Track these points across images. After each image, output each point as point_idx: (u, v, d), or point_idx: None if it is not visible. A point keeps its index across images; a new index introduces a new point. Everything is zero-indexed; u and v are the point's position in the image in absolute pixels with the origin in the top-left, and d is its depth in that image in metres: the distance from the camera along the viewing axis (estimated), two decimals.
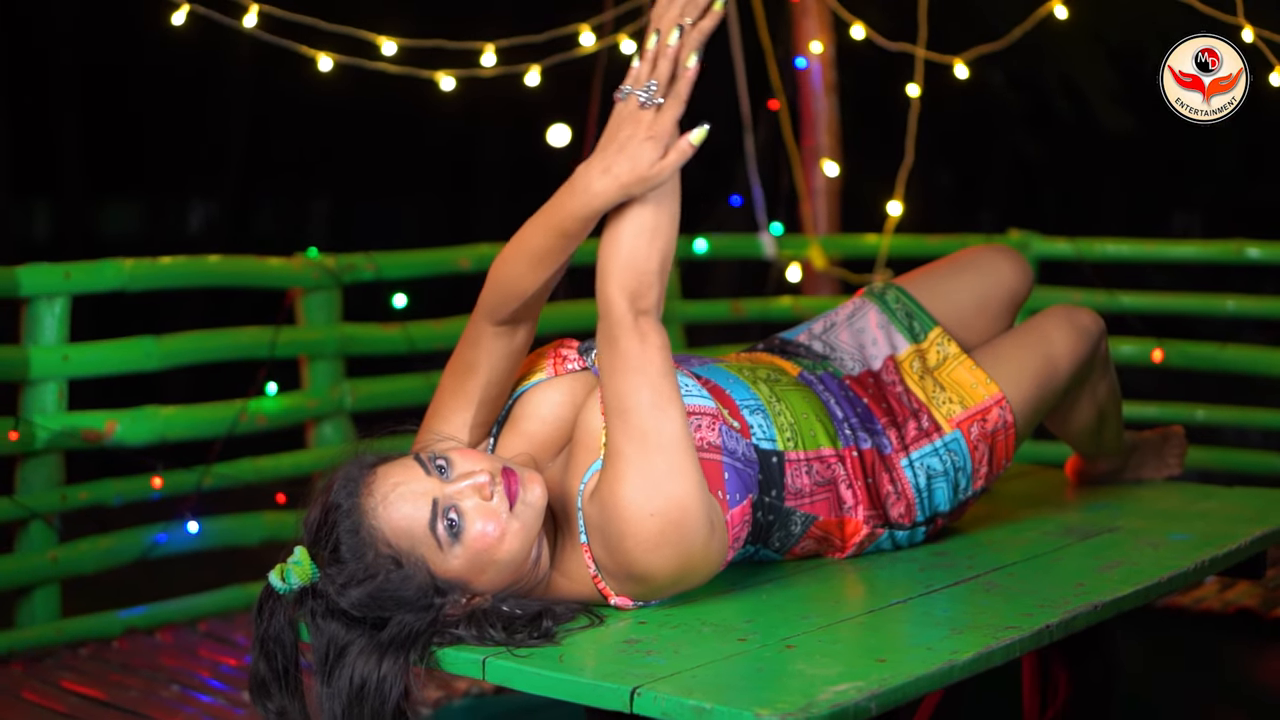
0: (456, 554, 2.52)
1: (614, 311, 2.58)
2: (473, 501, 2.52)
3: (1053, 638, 2.74)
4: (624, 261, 2.58)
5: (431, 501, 2.51)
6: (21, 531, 4.85)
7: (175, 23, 4.96)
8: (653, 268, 2.60)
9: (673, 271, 6.30)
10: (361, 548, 2.53)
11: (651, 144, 2.55)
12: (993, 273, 3.44)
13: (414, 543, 2.51)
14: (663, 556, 2.59)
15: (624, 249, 2.58)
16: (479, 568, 2.53)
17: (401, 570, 2.50)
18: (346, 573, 2.52)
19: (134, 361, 5.00)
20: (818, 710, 2.28)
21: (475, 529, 2.51)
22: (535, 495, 2.57)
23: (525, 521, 2.56)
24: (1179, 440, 3.96)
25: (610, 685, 2.40)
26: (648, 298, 2.60)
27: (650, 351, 2.59)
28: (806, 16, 6.75)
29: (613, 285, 2.58)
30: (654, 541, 2.57)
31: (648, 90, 2.56)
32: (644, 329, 2.59)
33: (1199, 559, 3.17)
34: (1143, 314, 6.46)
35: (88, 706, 4.36)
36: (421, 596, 2.51)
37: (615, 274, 2.58)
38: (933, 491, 3.12)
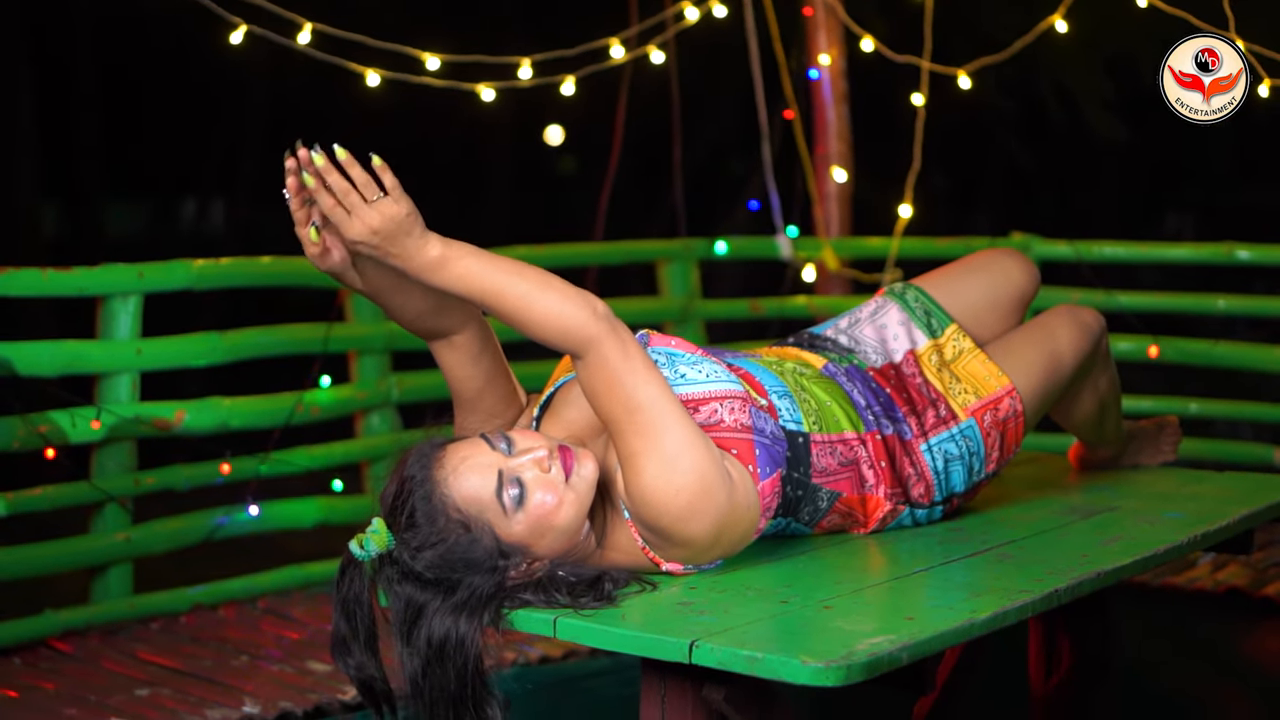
0: (519, 520, 2.76)
1: (586, 329, 2.80)
2: (533, 473, 2.76)
3: (1060, 601, 2.97)
4: (549, 297, 2.81)
5: (497, 472, 2.75)
6: (97, 514, 5.03)
7: (233, 42, 5.15)
8: (554, 282, 2.83)
9: (694, 272, 6.60)
10: (434, 514, 2.74)
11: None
12: (1003, 274, 3.65)
13: (481, 509, 2.75)
14: (699, 523, 2.85)
15: (536, 292, 2.81)
16: (539, 533, 2.78)
17: (470, 534, 2.74)
18: (420, 537, 2.74)
19: (201, 356, 5.20)
20: (857, 658, 2.53)
21: (536, 498, 2.75)
22: (589, 469, 2.82)
23: (579, 492, 2.80)
24: (1174, 429, 4.15)
25: (671, 639, 2.64)
26: (591, 302, 2.84)
27: (630, 347, 2.84)
28: (819, 30, 6.91)
29: (566, 315, 2.80)
30: (687, 512, 2.83)
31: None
32: (618, 330, 2.83)
33: (1191, 534, 3.39)
34: (1139, 312, 6.60)
35: (166, 674, 4.60)
36: (488, 559, 2.74)
37: (554, 309, 2.80)
38: (949, 474, 3.35)
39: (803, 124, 7.00)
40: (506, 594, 2.80)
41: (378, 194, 2.79)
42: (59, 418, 4.85)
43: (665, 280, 6.64)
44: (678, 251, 6.65)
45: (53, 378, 4.85)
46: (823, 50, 6.95)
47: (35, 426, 4.74)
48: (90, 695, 4.40)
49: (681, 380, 2.98)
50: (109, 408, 4.94)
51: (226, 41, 5.21)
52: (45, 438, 4.76)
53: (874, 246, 6.89)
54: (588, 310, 2.82)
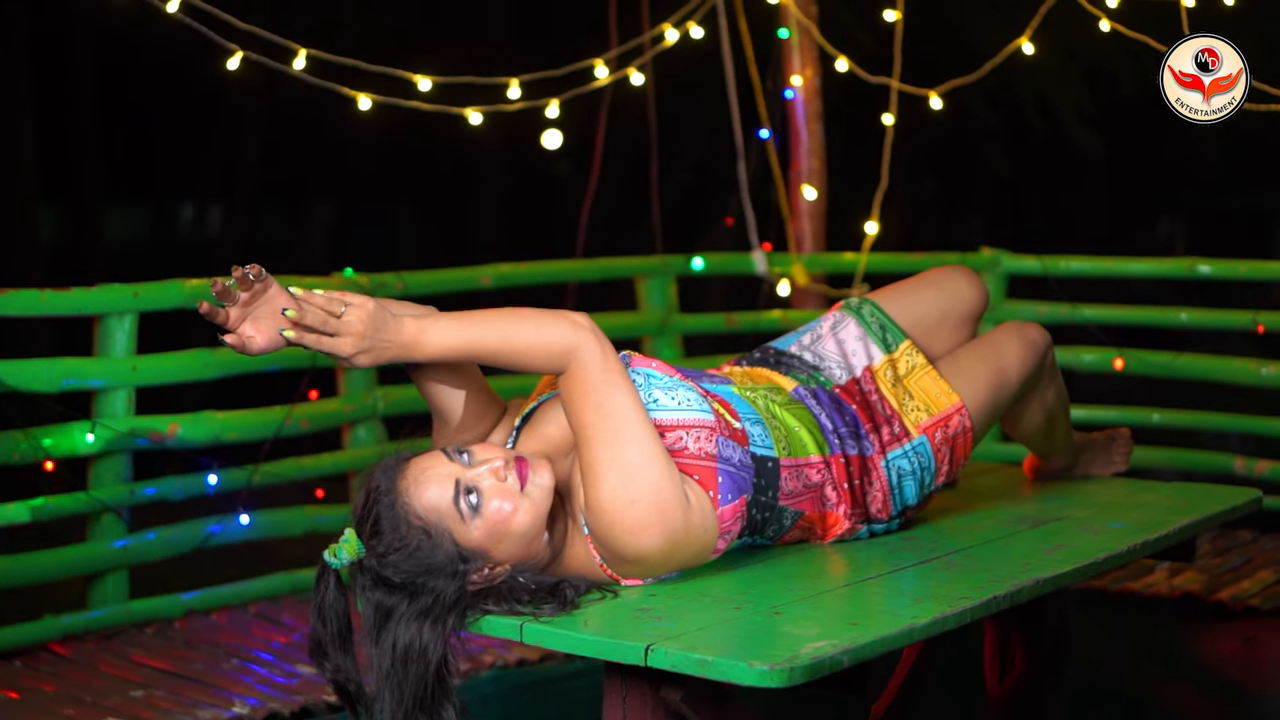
0: (477, 525, 2.93)
1: (566, 340, 3.01)
2: (490, 481, 2.95)
3: (1000, 606, 3.13)
4: (524, 327, 3.03)
5: (455, 481, 2.94)
6: (94, 523, 5.17)
7: (230, 68, 5.30)
8: (527, 313, 3.05)
9: (671, 287, 6.76)
10: (397, 522, 2.92)
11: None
12: (954, 290, 3.80)
13: (440, 516, 2.92)
14: (650, 538, 3.01)
15: (512, 329, 3.04)
16: (497, 538, 2.95)
17: (431, 540, 2.92)
18: (385, 543, 2.92)
19: (193, 371, 5.34)
20: (800, 662, 2.71)
21: (493, 505, 2.93)
22: (544, 478, 3.00)
23: (535, 500, 2.98)
24: (1125, 440, 4.28)
25: (628, 643, 2.82)
26: (568, 316, 3.04)
27: (610, 359, 3.04)
28: (794, 51, 7.05)
29: (545, 336, 3.01)
30: (639, 525, 3.00)
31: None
32: (598, 339, 3.02)
33: (1131, 543, 3.54)
34: (1104, 325, 6.76)
35: (160, 677, 4.76)
36: (449, 563, 2.92)
37: (532, 336, 3.01)
38: (903, 489, 3.51)
39: (778, 142, 7.13)
40: (470, 601, 2.96)
41: (341, 307, 2.97)
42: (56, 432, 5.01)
43: (644, 295, 6.80)
44: (655, 267, 6.81)
45: (51, 394, 4.99)
46: (797, 70, 7.08)
47: (35, 440, 4.89)
48: (87, 696, 4.56)
49: (654, 405, 3.13)
50: (105, 422, 5.08)
51: (224, 66, 5.35)
52: (45, 451, 4.92)
53: (846, 262, 7.03)
54: (565, 323, 3.02)
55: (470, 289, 6.12)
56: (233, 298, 2.94)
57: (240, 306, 2.95)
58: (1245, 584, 5.73)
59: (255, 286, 2.93)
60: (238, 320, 2.96)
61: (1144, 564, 5.91)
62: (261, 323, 2.96)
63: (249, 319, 2.96)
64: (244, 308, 2.95)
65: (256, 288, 2.94)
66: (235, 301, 2.94)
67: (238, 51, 5.32)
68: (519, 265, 6.38)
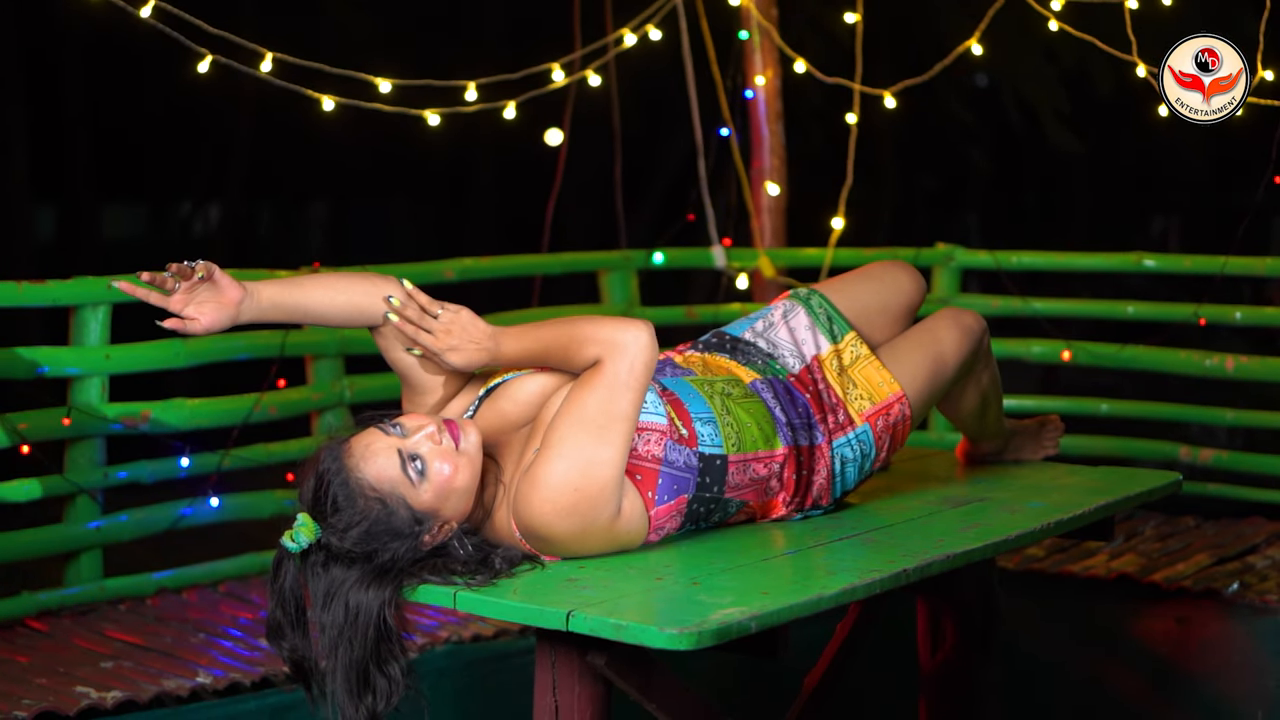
0: (426, 488, 3.13)
1: (608, 340, 3.20)
2: (428, 446, 3.15)
3: (909, 579, 3.28)
4: (582, 328, 3.25)
5: (397, 451, 3.13)
6: (70, 504, 5.30)
7: (200, 70, 5.45)
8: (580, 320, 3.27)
9: (633, 280, 6.90)
10: (353, 497, 3.10)
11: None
12: (894, 283, 3.95)
13: (393, 485, 3.11)
14: (567, 523, 3.19)
15: (557, 326, 3.29)
16: (444, 496, 3.15)
17: (387, 508, 3.11)
18: (345, 519, 3.09)
19: (165, 360, 5.47)
20: (709, 626, 2.88)
21: (435, 466, 3.14)
22: (474, 435, 3.21)
23: (470, 456, 3.19)
24: (1054, 426, 4.39)
25: (551, 609, 2.99)
26: (625, 323, 3.23)
27: (637, 369, 3.20)
28: (755, 52, 7.21)
29: (598, 333, 3.22)
30: (565, 508, 3.17)
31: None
32: (638, 349, 3.20)
33: (1045, 522, 3.67)
34: (1053, 318, 6.92)
35: (130, 650, 4.92)
36: (406, 526, 3.12)
37: (592, 331, 3.23)
38: (845, 475, 3.66)
39: (739, 141, 7.28)
40: (415, 567, 3.14)
41: (439, 309, 3.33)
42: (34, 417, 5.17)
43: (606, 289, 6.94)
44: (617, 262, 6.95)
45: (28, 380, 5.14)
46: (759, 71, 7.23)
47: (13, 425, 5.06)
48: (60, 667, 4.72)
49: None
50: (80, 407, 5.22)
51: (195, 69, 5.51)
52: (21, 435, 5.09)
53: (808, 256, 7.19)
54: (611, 327, 3.22)
55: (435, 281, 6.22)
56: (168, 286, 3.19)
57: (184, 293, 3.21)
58: (1180, 566, 5.85)
59: (195, 280, 3.20)
60: (180, 304, 3.21)
61: (1086, 547, 6.04)
62: (205, 307, 3.23)
63: (192, 304, 3.22)
64: (187, 294, 3.21)
65: (197, 280, 3.20)
66: (171, 290, 3.20)
67: (207, 55, 5.47)
68: (481, 259, 6.53)
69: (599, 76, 6.63)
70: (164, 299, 3.22)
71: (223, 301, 3.24)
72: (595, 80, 6.63)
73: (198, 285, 3.22)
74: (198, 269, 3.21)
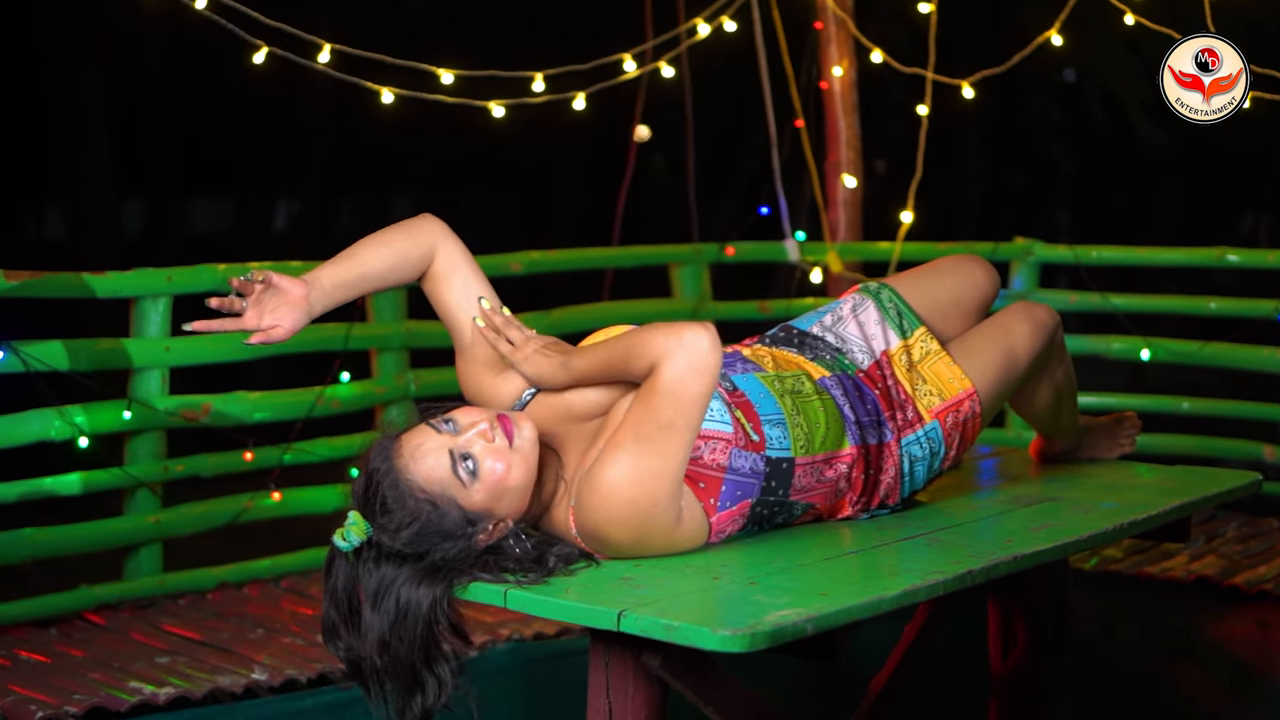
0: (477, 489, 3.07)
1: (662, 350, 3.08)
2: (481, 445, 3.08)
3: (974, 581, 3.18)
4: (638, 338, 3.14)
5: (448, 451, 3.06)
6: (129, 498, 5.31)
7: (255, 62, 5.43)
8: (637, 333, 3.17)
9: (704, 274, 6.83)
10: (403, 498, 3.05)
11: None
12: (968, 278, 3.86)
13: (444, 486, 3.05)
14: (621, 530, 3.13)
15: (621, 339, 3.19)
16: (497, 495, 3.09)
17: (438, 509, 3.05)
18: (395, 520, 3.04)
19: (226, 353, 5.45)
20: (762, 628, 2.79)
21: (487, 465, 3.07)
22: (528, 430, 3.14)
23: (525, 453, 3.12)
24: (1132, 423, 4.29)
25: (602, 609, 2.92)
26: (682, 331, 3.11)
27: (690, 378, 3.08)
28: (830, 43, 7.14)
29: (651, 343, 3.11)
30: (619, 517, 3.11)
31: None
32: (692, 357, 3.07)
33: (1117, 523, 3.57)
34: (1133, 314, 6.82)
35: (186, 645, 4.90)
36: (457, 528, 3.06)
37: (645, 343, 3.12)
38: (914, 473, 3.58)
39: (813, 134, 7.20)
40: (465, 568, 3.09)
41: (521, 330, 3.34)
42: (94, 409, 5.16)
43: (677, 283, 6.89)
44: (688, 255, 6.90)
45: (88, 372, 5.13)
46: (834, 62, 7.16)
47: (70, 417, 5.05)
48: (115, 662, 4.70)
49: None
50: (139, 400, 5.21)
51: (261, 63, 5.49)
52: (80, 427, 5.08)
53: (880, 250, 7.10)
54: (664, 336, 3.10)
55: (501, 275, 6.12)
56: (236, 307, 3.17)
57: (253, 307, 3.18)
58: (1262, 569, 5.75)
59: (256, 288, 3.17)
60: (254, 319, 3.18)
61: (1166, 548, 5.93)
62: (279, 312, 3.20)
63: (266, 315, 3.19)
64: (256, 308, 3.18)
65: (258, 288, 3.17)
66: (243, 309, 3.18)
67: (263, 47, 5.43)
68: (549, 253, 6.48)
69: (671, 68, 6.55)
70: (238, 321, 3.19)
71: (292, 301, 3.21)
72: (668, 72, 6.56)
73: (263, 295, 3.20)
74: (256, 279, 3.19)
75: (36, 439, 5.05)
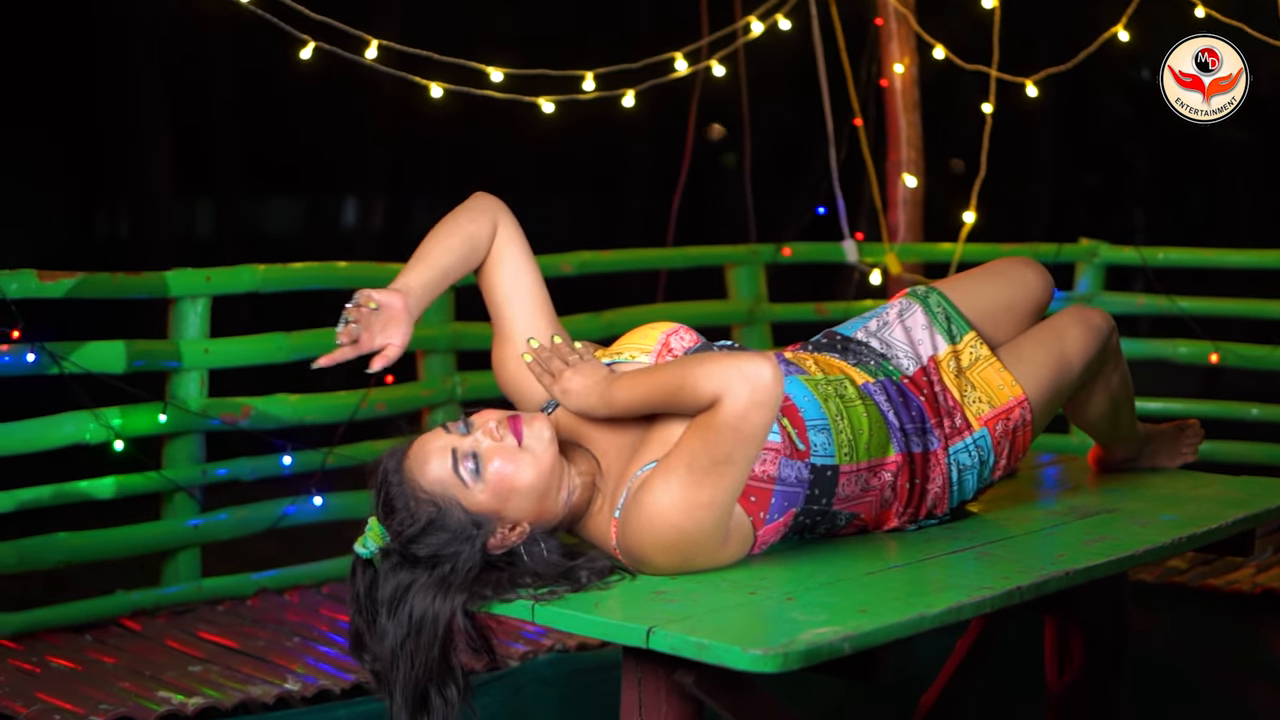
0: (480, 489, 3.01)
1: (721, 387, 2.95)
2: (487, 443, 3.02)
3: (1024, 597, 3.09)
4: (695, 371, 3.01)
5: (450, 451, 3.01)
6: (167, 502, 5.25)
7: (303, 58, 5.38)
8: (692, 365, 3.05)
9: (760, 275, 6.74)
10: (406, 499, 3.02)
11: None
12: (1020, 281, 3.77)
13: (444, 487, 3.01)
14: (665, 556, 3.07)
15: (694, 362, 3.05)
16: (503, 497, 3.02)
17: (440, 511, 3.00)
18: (399, 522, 3.02)
19: (266, 355, 5.39)
20: (796, 647, 2.71)
21: (493, 466, 3.01)
22: (539, 429, 3.06)
23: (536, 453, 3.04)
24: (1194, 431, 4.19)
25: (631, 625, 2.85)
26: (745, 365, 2.97)
27: (751, 414, 2.95)
28: (891, 39, 7.04)
29: (709, 378, 2.97)
30: (665, 543, 3.05)
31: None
32: (755, 391, 2.94)
33: (1176, 537, 3.48)
34: (1200, 317, 6.68)
35: (221, 653, 4.82)
36: (462, 530, 3.00)
37: (703, 377, 2.98)
38: (963, 483, 3.49)
39: (873, 132, 7.12)
40: (483, 581, 3.02)
41: (574, 356, 3.24)
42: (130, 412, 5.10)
43: (733, 284, 6.79)
44: (744, 256, 6.79)
45: (123, 374, 5.05)
46: (895, 59, 7.06)
47: (105, 420, 4.99)
48: (146, 670, 4.63)
49: None
50: (176, 403, 5.15)
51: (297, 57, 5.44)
52: (116, 430, 5.02)
53: (941, 251, 6.99)
54: (722, 371, 2.97)
55: (552, 275, 6.00)
56: (356, 334, 3.14)
57: (366, 330, 3.14)
58: None
59: (362, 310, 3.13)
60: (369, 341, 3.15)
61: (1231, 560, 5.79)
62: (387, 329, 3.17)
63: (376, 335, 3.16)
64: (367, 330, 3.14)
65: (364, 310, 3.13)
66: (357, 336, 3.14)
67: (310, 42, 5.38)
68: (601, 253, 6.40)
69: (723, 67, 6.47)
70: (357, 347, 3.16)
71: (394, 316, 3.17)
72: (719, 70, 6.47)
73: (370, 317, 3.15)
74: (366, 302, 3.14)
75: (70, 442, 5.00)
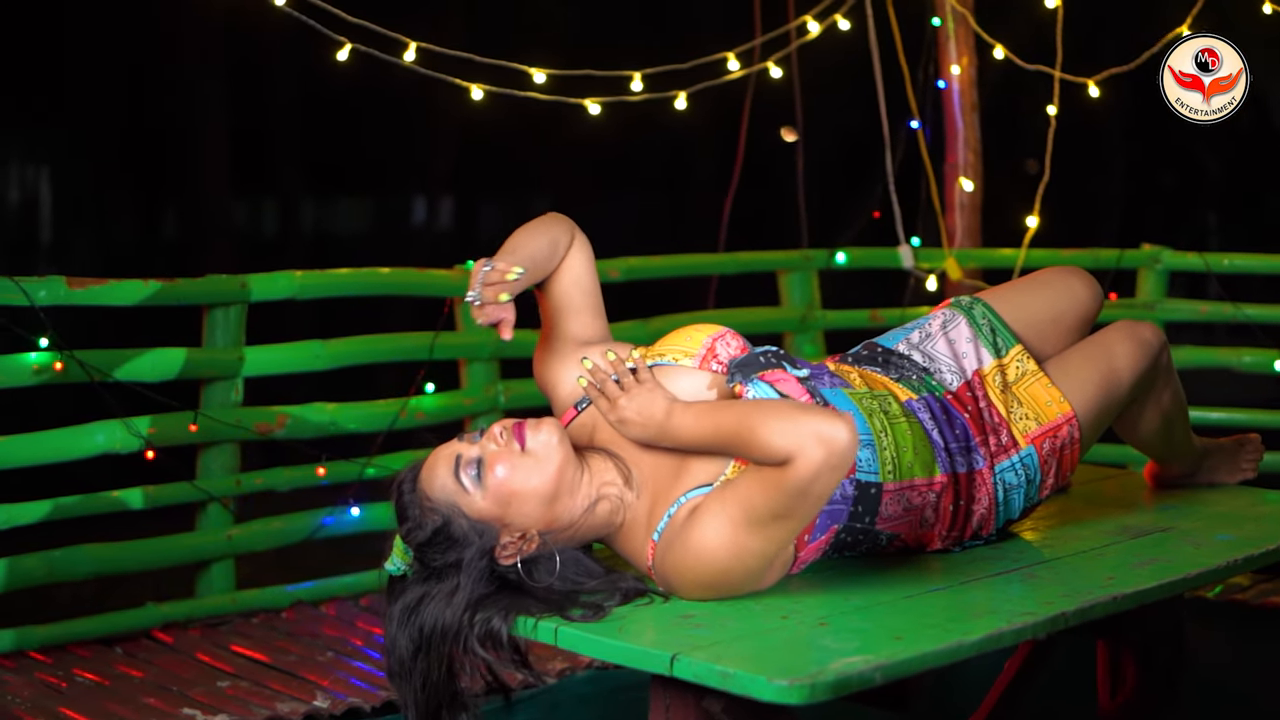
0: (481, 494, 2.95)
1: (795, 449, 2.80)
2: (491, 448, 2.96)
3: (1068, 623, 2.97)
4: (768, 422, 2.87)
5: (455, 458, 2.97)
6: (201, 512, 5.21)
7: (340, 59, 5.33)
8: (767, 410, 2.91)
9: (813, 281, 6.64)
10: (413, 507, 3.00)
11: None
12: (1069, 292, 3.66)
13: (446, 493, 2.97)
14: (703, 591, 2.99)
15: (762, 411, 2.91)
16: (505, 502, 2.96)
17: (444, 519, 2.96)
18: (408, 530, 3.00)
19: (303, 363, 5.35)
20: (825, 678, 2.60)
21: (494, 471, 2.94)
22: (544, 434, 2.99)
23: (540, 457, 2.98)
24: (1254, 446, 4.07)
25: (656, 652, 2.75)
26: (822, 428, 2.82)
27: (822, 477, 2.81)
28: (949, 40, 6.93)
29: (782, 436, 2.82)
30: (705, 581, 2.97)
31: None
32: (829, 455, 2.80)
33: (1231, 559, 3.35)
34: (1268, 325, 6.53)
35: (252, 667, 4.77)
36: (464, 537, 2.95)
37: (775, 434, 2.83)
38: (1009, 502, 3.37)
39: (931, 134, 7.01)
40: (498, 599, 2.97)
41: (629, 378, 3.11)
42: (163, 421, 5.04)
43: (785, 290, 6.69)
44: (797, 262, 6.68)
45: (154, 383, 5.00)
46: (953, 60, 6.95)
47: (136, 429, 4.94)
48: (173, 685, 4.57)
49: None
50: (207, 413, 5.10)
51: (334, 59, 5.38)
52: (146, 439, 4.96)
53: (1001, 257, 6.86)
54: (797, 431, 2.83)
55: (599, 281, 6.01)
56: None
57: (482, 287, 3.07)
58: None
59: (483, 272, 3.06)
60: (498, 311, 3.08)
61: None
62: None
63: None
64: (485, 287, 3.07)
65: (485, 270, 3.06)
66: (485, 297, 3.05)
67: (346, 44, 5.32)
68: (650, 259, 6.30)
69: (779, 68, 6.37)
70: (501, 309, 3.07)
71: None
72: (776, 72, 6.37)
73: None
74: (509, 269, 3.08)
75: (101, 451, 4.95)
